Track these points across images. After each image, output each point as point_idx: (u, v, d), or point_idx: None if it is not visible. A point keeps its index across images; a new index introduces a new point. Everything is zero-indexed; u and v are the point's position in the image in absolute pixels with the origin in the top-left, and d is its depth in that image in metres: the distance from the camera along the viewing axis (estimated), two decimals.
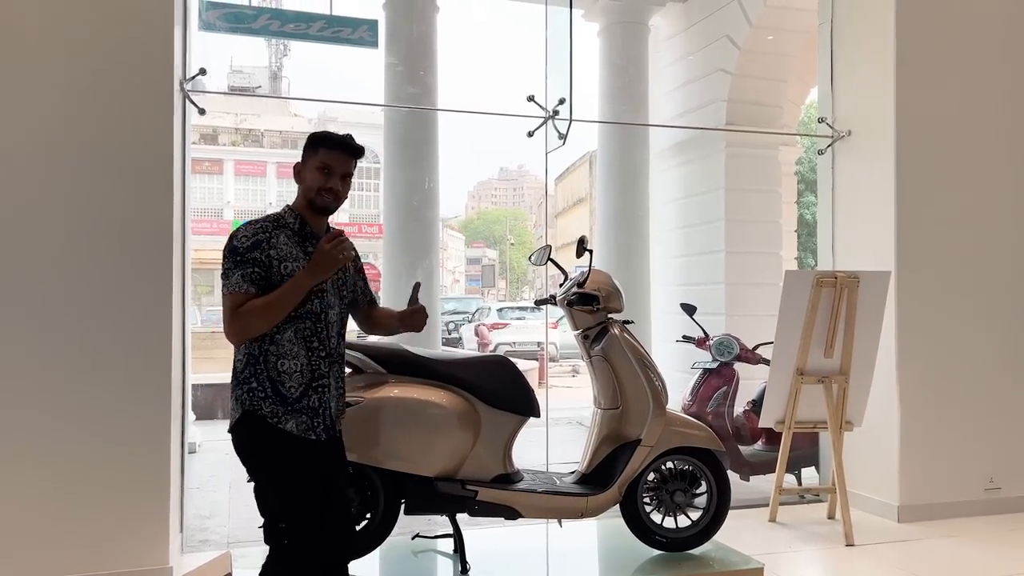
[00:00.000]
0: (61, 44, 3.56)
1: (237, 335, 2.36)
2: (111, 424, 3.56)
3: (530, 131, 5.09)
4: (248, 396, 2.37)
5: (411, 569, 3.48)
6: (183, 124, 4.10)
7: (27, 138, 3.52)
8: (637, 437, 3.35)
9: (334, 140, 2.53)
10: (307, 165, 2.51)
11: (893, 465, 4.76)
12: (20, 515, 3.47)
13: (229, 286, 2.33)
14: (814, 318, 4.48)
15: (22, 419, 3.48)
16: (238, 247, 2.36)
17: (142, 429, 3.60)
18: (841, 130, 5.20)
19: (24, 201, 3.51)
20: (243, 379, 2.38)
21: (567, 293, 3.49)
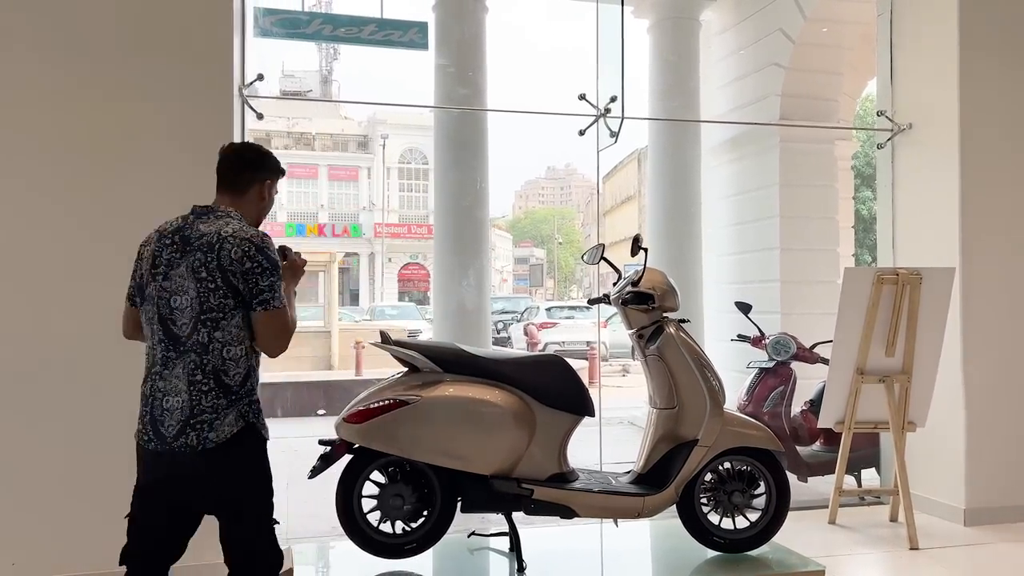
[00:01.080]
0: (126, 52, 3.68)
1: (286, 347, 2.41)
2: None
3: (581, 129, 5.08)
4: (249, 409, 2.36)
5: (467, 567, 3.51)
6: (242, 129, 4.20)
7: (91, 144, 3.64)
8: (694, 437, 3.31)
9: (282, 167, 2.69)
10: (274, 188, 2.63)
11: (959, 467, 4.62)
12: (69, 509, 3.56)
13: (279, 300, 2.35)
14: (875, 316, 4.37)
15: (78, 418, 3.57)
16: (277, 262, 2.39)
17: None
18: (902, 123, 5.07)
19: (86, 206, 3.63)
20: (243, 393, 2.34)
21: (621, 292, 3.47)
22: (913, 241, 5.03)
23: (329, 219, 33.54)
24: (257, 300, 2.30)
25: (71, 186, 3.62)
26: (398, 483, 3.22)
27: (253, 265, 2.30)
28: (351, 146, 35.52)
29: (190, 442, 2.26)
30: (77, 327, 3.57)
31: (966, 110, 4.67)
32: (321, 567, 3.61)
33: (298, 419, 10.32)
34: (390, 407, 3.11)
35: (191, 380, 2.28)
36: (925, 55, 4.94)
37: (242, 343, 2.33)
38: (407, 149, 34.07)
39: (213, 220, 2.40)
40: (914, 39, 5.03)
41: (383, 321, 18.06)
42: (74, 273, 3.61)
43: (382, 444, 3.14)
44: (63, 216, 3.61)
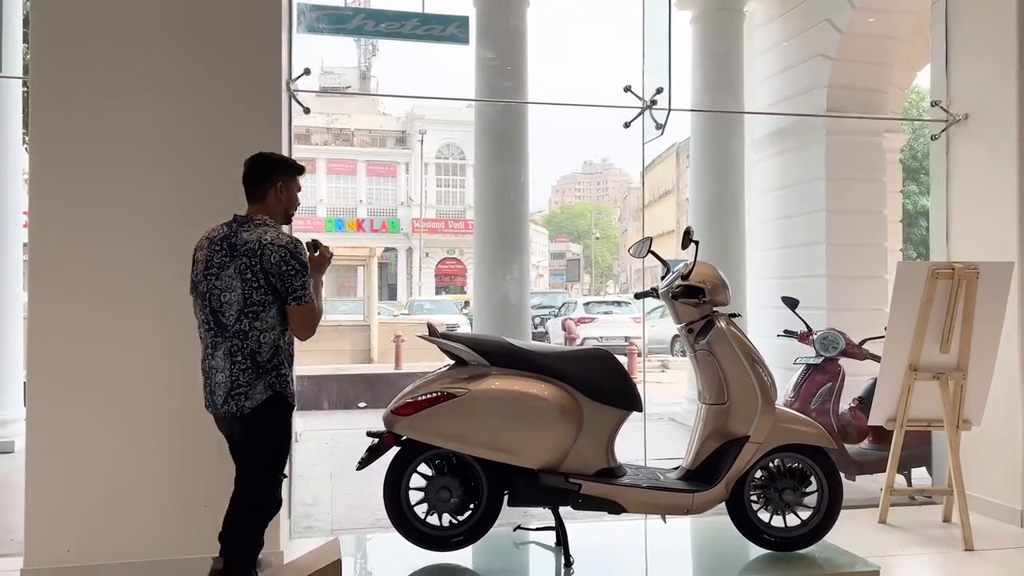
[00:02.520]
0: (177, 47, 3.73)
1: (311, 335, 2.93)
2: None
3: (627, 122, 5.03)
4: (278, 380, 2.88)
5: (512, 560, 3.50)
6: (289, 123, 4.24)
7: (143, 140, 3.70)
8: (745, 433, 3.26)
9: (303, 169, 3.18)
10: (291, 186, 3.09)
11: (1017, 467, 4.49)
12: (140, 499, 3.64)
13: (308, 296, 2.88)
14: (929, 312, 4.27)
15: (147, 410, 3.65)
16: (306, 264, 2.89)
17: None
18: (957, 114, 4.93)
19: (141, 202, 3.68)
20: (272, 367, 2.86)
21: (671, 286, 3.43)
22: (968, 235, 4.90)
23: (368, 214, 33.83)
24: (292, 296, 2.84)
25: (130, 185, 3.68)
26: (445, 476, 3.22)
27: (288, 268, 2.82)
28: (389, 142, 35.76)
29: (231, 409, 2.85)
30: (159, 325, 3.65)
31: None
32: (366, 559, 3.62)
33: (340, 411, 10.43)
34: (438, 399, 3.11)
35: (232, 360, 2.83)
36: (982, 44, 4.80)
37: (274, 329, 2.86)
38: (444, 145, 34.21)
39: (253, 228, 2.90)
40: (970, 27, 4.89)
41: (420, 316, 18.16)
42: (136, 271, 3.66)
43: (430, 436, 3.14)
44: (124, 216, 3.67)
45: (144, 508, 3.64)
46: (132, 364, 3.63)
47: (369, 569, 3.51)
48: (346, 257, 16.69)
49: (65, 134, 3.63)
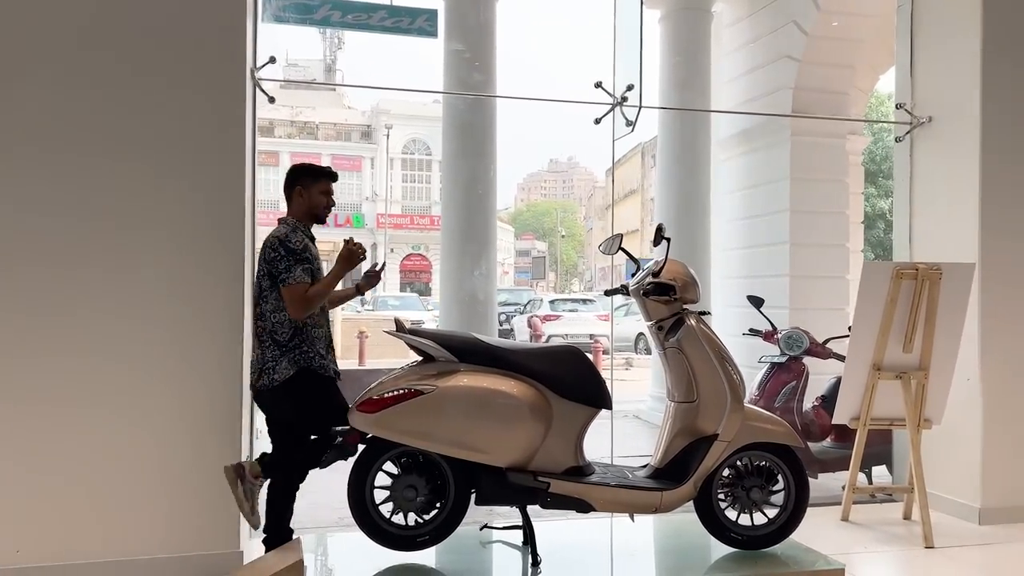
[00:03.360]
0: (138, 34, 3.61)
1: (304, 314, 3.28)
2: (186, 412, 3.61)
3: (597, 118, 5.00)
4: (301, 356, 3.27)
5: (479, 560, 3.45)
6: (253, 113, 4.13)
7: (104, 128, 3.58)
8: (713, 432, 3.26)
9: (333, 173, 3.60)
10: (312, 190, 3.50)
11: (975, 465, 4.56)
12: (98, 498, 3.54)
13: (294, 278, 3.24)
14: (893, 311, 4.31)
15: (105, 409, 3.55)
16: (295, 249, 3.29)
17: (213, 415, 3.64)
18: (921, 116, 4.99)
19: (100, 192, 3.57)
20: (293, 345, 3.28)
21: (641, 283, 3.41)
22: (931, 236, 4.97)
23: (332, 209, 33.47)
24: (278, 279, 3.25)
25: (88, 173, 3.56)
26: (411, 474, 3.17)
27: (275, 255, 3.27)
28: (354, 136, 35.43)
29: (265, 383, 3.28)
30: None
31: (988, 104, 4.60)
32: (328, 558, 3.55)
33: None
34: (405, 396, 3.05)
35: (260, 340, 3.34)
36: (946, 48, 4.87)
37: (283, 311, 3.28)
38: (410, 140, 33.99)
39: (277, 228, 3.41)
40: (935, 31, 4.95)
41: (385, 312, 18.02)
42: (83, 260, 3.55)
43: (396, 434, 3.08)
44: (80, 205, 3.55)
45: (95, 508, 3.53)
46: (77, 363, 3.52)
47: (332, 569, 3.44)
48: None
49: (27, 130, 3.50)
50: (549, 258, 53.91)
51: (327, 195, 3.52)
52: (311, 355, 3.29)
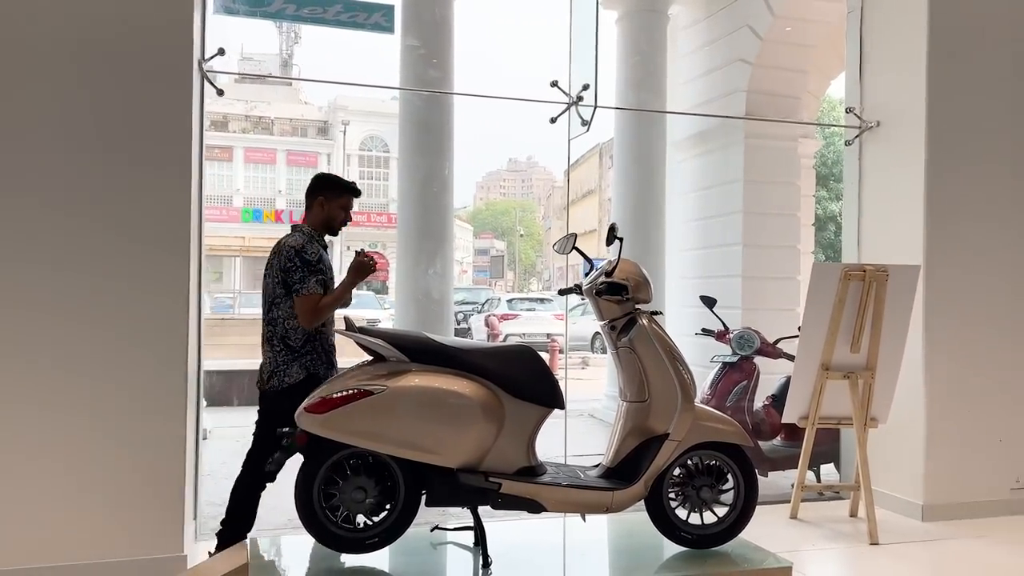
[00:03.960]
0: (80, 23, 3.49)
1: (314, 324, 3.40)
2: (127, 411, 3.51)
3: (553, 117, 5.00)
4: (312, 362, 3.44)
5: (429, 561, 3.41)
6: (201, 106, 4.03)
7: (46, 120, 3.46)
8: (664, 431, 3.26)
9: (357, 190, 3.63)
10: (333, 203, 3.55)
11: (918, 463, 4.67)
12: (35, 501, 3.42)
13: (308, 288, 3.36)
14: (841, 312, 4.38)
15: (41, 407, 3.44)
16: (310, 260, 3.39)
17: (158, 416, 3.55)
18: (870, 120, 5.09)
19: (42, 186, 3.45)
20: (304, 352, 3.43)
21: (594, 282, 3.40)
22: (878, 238, 5.07)
23: (287, 205, 33.01)
24: (292, 288, 3.36)
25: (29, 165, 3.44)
26: (360, 476, 3.10)
27: (291, 264, 3.36)
28: (311, 131, 34.97)
29: (275, 385, 3.42)
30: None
31: (933, 109, 4.71)
32: (278, 561, 3.47)
33: (253, 408, 10.09)
34: (354, 397, 2.99)
35: (270, 344, 3.44)
36: (894, 53, 4.97)
37: (294, 318, 3.38)
38: (368, 136, 33.68)
39: (292, 235, 3.48)
40: (883, 37, 5.06)
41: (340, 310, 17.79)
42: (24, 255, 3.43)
43: (344, 435, 3.02)
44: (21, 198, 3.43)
45: (29, 511, 3.41)
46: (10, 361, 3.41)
47: (279, 572, 3.36)
48: (262, 248, 16.23)
49: None
50: (507, 257, 53.94)
51: (346, 210, 3.60)
52: (320, 362, 3.46)
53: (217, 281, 29.42)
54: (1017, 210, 4.89)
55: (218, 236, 18.84)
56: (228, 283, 29.17)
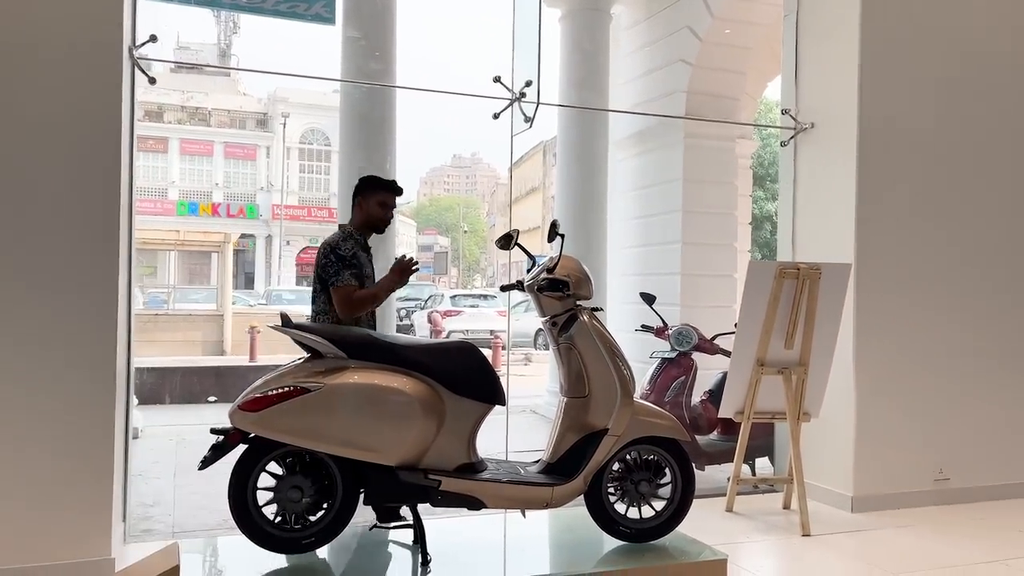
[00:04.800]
0: (2, 6, 3.33)
1: (351, 315, 3.46)
2: (51, 408, 3.37)
3: (496, 113, 4.98)
4: None
5: (368, 560, 3.37)
6: (131, 94, 3.90)
7: None
8: (604, 426, 3.28)
9: (390, 184, 3.71)
10: (370, 200, 3.65)
11: (848, 456, 4.81)
12: None
13: (342, 280, 3.43)
14: (776, 309, 4.48)
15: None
16: (344, 255, 3.48)
17: (84, 414, 3.41)
18: (804, 122, 5.22)
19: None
20: None
21: (536, 278, 3.40)
22: (812, 237, 5.20)
23: (224, 198, 32.25)
24: (328, 282, 3.45)
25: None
26: (297, 475, 3.05)
27: (326, 260, 3.47)
28: (249, 124, 34.21)
29: None
30: None
31: (865, 111, 4.85)
32: (208, 564, 3.39)
33: (187, 406, 9.86)
34: (290, 394, 2.94)
35: None
36: (828, 56, 5.10)
37: (328, 313, 3.49)
38: (308, 129, 33.12)
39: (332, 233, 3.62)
40: (818, 40, 5.18)
41: (279, 306, 17.50)
42: None
43: (280, 434, 2.96)
44: None
45: None
46: None
47: (212, 574, 3.28)
48: (198, 243, 15.84)
49: None
50: (451, 254, 53.75)
51: (384, 206, 3.66)
52: None
53: (151, 275, 28.58)
54: (946, 210, 5.07)
55: (151, 229, 18.28)
56: (163, 278, 28.36)
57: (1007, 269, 5.23)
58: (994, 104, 5.20)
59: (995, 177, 5.21)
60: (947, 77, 5.07)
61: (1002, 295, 5.21)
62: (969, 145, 5.14)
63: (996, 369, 5.18)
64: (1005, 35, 5.24)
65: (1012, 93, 5.25)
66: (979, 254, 5.15)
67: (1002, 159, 5.23)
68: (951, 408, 5.05)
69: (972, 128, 5.14)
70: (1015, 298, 5.25)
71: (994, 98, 5.20)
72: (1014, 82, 5.26)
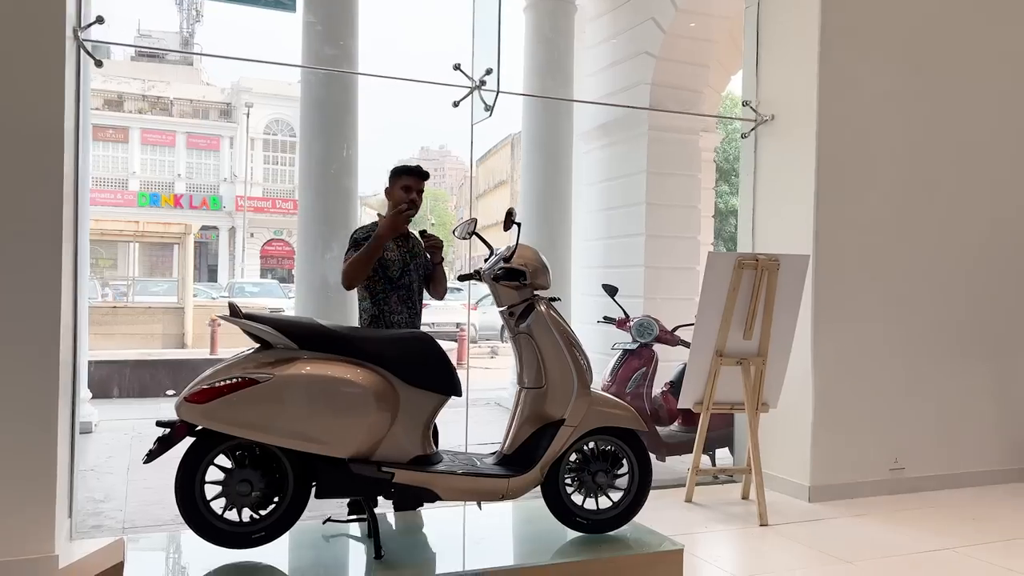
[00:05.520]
0: None
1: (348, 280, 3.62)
2: None
3: (456, 101, 4.92)
4: None
5: (321, 555, 3.30)
6: (77, 78, 3.77)
7: None
8: (561, 417, 3.25)
9: (411, 169, 3.82)
10: (395, 187, 3.79)
11: (806, 447, 4.85)
12: None
13: (346, 256, 3.61)
14: (735, 300, 4.50)
15: None
16: (357, 239, 3.65)
17: (25, 408, 3.30)
18: (765, 114, 5.23)
19: None
20: None
21: (493, 268, 3.35)
22: (771, 228, 5.22)
23: (186, 189, 31.72)
24: None
25: None
26: (246, 468, 2.97)
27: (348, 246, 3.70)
28: (212, 114, 33.67)
29: None
30: None
31: (824, 104, 4.88)
32: (156, 560, 3.30)
33: (145, 400, 9.67)
34: (238, 386, 2.85)
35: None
36: (788, 49, 5.12)
37: (364, 300, 3.77)
38: (273, 120, 32.69)
39: None
40: (779, 32, 5.20)
41: (242, 299, 17.27)
42: None
43: (228, 426, 2.88)
44: None
45: None
46: None
47: (159, 571, 3.19)
48: (158, 234, 15.55)
49: None
50: None
51: (407, 190, 3.75)
52: None
53: (112, 268, 28.02)
54: (904, 203, 5.12)
55: (111, 220, 17.92)
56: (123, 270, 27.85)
57: (961, 262, 5.31)
58: (953, 97, 5.26)
59: (953, 171, 5.28)
60: (907, 69, 5.12)
61: (957, 287, 5.29)
62: (928, 138, 5.20)
63: (950, 361, 5.26)
64: (965, 27, 5.30)
65: (971, 86, 5.32)
66: (935, 247, 5.22)
67: (961, 153, 5.30)
68: (907, 399, 5.12)
69: (931, 121, 5.20)
70: (969, 291, 5.33)
71: (953, 91, 5.26)
72: (973, 74, 5.33)
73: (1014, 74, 5.44)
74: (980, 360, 5.36)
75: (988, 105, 5.37)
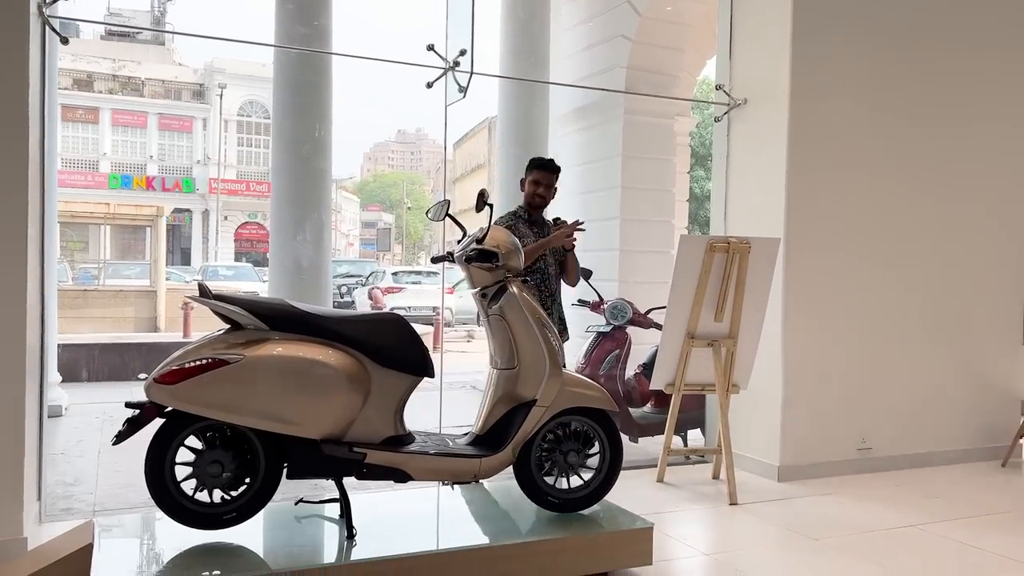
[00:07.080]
0: None
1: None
2: None
3: (429, 82, 4.90)
4: None
5: (294, 536, 3.31)
6: (43, 56, 3.70)
7: None
8: (532, 397, 3.27)
9: (542, 162, 4.27)
10: (527, 180, 4.24)
11: (775, 427, 4.92)
12: None
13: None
14: (706, 282, 4.54)
15: None
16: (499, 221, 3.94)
17: None
18: (738, 98, 5.26)
19: None
20: None
21: (466, 249, 3.36)
22: (743, 211, 5.27)
23: (159, 172, 31.30)
24: None
25: None
26: (216, 449, 2.97)
27: None
28: (185, 95, 33.18)
29: None
30: None
31: (796, 88, 4.91)
32: (126, 541, 3.29)
33: (117, 383, 9.57)
34: (208, 367, 2.84)
35: None
36: (761, 33, 5.14)
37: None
38: (247, 101, 32.30)
39: None
40: (752, 16, 5.22)
41: (216, 282, 17.10)
42: None
43: (198, 407, 2.87)
44: None
45: None
46: None
47: (129, 552, 3.18)
48: (129, 216, 15.34)
49: None
50: (395, 230, 53.25)
51: (536, 184, 4.18)
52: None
53: (83, 250, 27.63)
54: (875, 187, 5.18)
55: (81, 202, 17.63)
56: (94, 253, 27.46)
57: (930, 245, 5.39)
58: (925, 82, 5.32)
59: (924, 156, 5.34)
60: (879, 54, 5.17)
61: (925, 272, 5.37)
62: (900, 123, 5.25)
63: (917, 342, 5.35)
64: (937, 12, 5.35)
65: (943, 70, 5.38)
66: (905, 231, 5.30)
67: (932, 137, 5.37)
68: (874, 380, 5.21)
69: (903, 105, 5.26)
70: (938, 272, 5.42)
71: (925, 75, 5.32)
72: (945, 59, 5.38)
73: (988, 56, 5.50)
74: (946, 343, 5.46)
75: (960, 89, 5.43)
